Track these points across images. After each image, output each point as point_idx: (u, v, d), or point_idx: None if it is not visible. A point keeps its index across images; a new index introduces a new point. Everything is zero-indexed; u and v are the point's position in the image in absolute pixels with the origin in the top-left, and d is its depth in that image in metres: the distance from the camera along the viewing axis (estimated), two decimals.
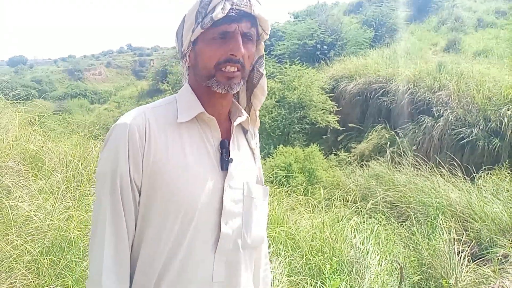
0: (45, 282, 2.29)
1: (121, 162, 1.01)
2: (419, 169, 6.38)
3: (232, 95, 1.15)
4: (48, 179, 3.11)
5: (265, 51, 1.21)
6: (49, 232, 2.54)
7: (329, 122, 11.03)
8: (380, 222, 4.33)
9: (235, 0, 1.02)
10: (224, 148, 1.10)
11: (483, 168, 6.12)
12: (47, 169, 3.28)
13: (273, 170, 7.08)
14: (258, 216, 1.16)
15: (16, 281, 2.24)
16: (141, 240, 1.04)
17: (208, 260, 1.05)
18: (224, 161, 1.09)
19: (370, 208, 4.85)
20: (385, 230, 4.28)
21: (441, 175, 5.88)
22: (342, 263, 3.23)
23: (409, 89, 9.73)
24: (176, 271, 1.02)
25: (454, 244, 3.59)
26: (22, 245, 2.37)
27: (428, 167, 6.29)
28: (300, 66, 12.22)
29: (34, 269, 2.33)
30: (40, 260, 2.33)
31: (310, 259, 3.34)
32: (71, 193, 3.08)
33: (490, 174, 5.79)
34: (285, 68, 12.36)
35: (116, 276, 0.99)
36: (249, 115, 1.21)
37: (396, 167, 6.81)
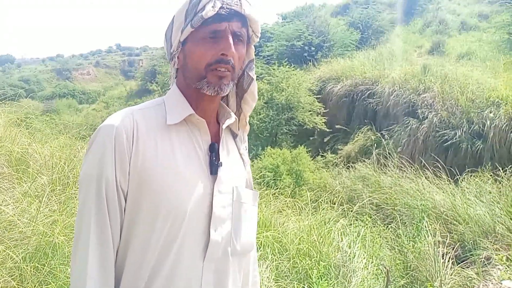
0: None
1: (107, 166, 0.97)
2: (404, 171, 6.46)
3: (221, 98, 1.13)
4: (33, 182, 3.04)
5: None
6: (33, 237, 2.48)
7: (316, 124, 11.09)
8: (367, 224, 4.37)
9: (225, 0, 1.00)
10: (213, 151, 1.07)
11: (467, 170, 6.23)
12: (32, 172, 3.21)
13: (261, 172, 7.08)
14: (248, 221, 1.13)
15: None
16: (127, 247, 1.01)
17: (196, 267, 1.02)
18: (214, 165, 1.06)
19: (357, 210, 4.89)
20: (371, 232, 4.32)
21: (425, 177, 5.95)
22: (329, 267, 3.25)
23: (394, 91, 9.85)
24: (164, 279, 0.99)
25: (439, 247, 3.64)
26: (5, 250, 2.31)
27: (413, 169, 6.37)
28: (288, 67, 12.26)
29: (17, 276, 2.28)
30: (23, 266, 2.28)
31: (297, 262, 3.35)
32: (57, 196, 3.03)
33: (473, 176, 5.89)
34: (273, 69, 12.39)
35: (101, 285, 0.95)
36: (239, 120, 1.19)
37: (381, 169, 6.88)
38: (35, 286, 2.25)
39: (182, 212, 1.00)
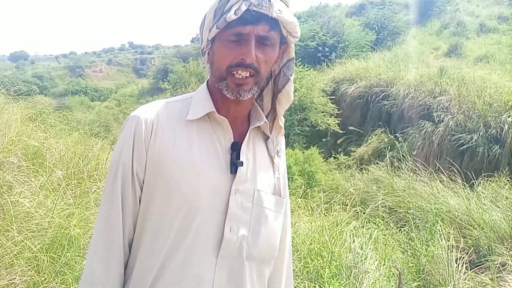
0: (45, 279, 2.29)
1: (125, 153, 1.02)
2: (418, 174, 6.39)
3: (251, 99, 1.10)
4: (49, 176, 3.10)
5: None
6: (50, 229, 2.54)
7: (329, 125, 11.05)
8: (379, 227, 4.34)
9: (254, 1, 0.97)
10: (235, 150, 1.06)
11: (483, 175, 6.14)
12: (48, 166, 3.27)
13: None
14: (269, 228, 1.10)
15: (16, 277, 2.24)
16: (141, 235, 1.04)
17: (209, 263, 1.02)
18: (234, 163, 1.05)
19: (369, 212, 4.86)
20: (384, 235, 4.29)
21: (440, 181, 5.89)
22: (341, 267, 3.24)
23: (410, 94, 9.75)
24: (177, 268, 1.00)
25: (452, 251, 3.60)
26: (23, 241, 2.37)
27: (428, 173, 6.30)
28: (302, 67, 12.23)
29: (34, 266, 2.33)
30: (40, 257, 2.33)
31: (308, 262, 3.35)
32: (72, 190, 3.08)
33: (490, 181, 5.80)
34: None
35: (103, 259, 1.02)
36: (273, 121, 1.16)
37: (395, 172, 6.82)
38: (51, 276, 2.30)
39: (195, 204, 1.01)
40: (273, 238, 1.12)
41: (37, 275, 2.28)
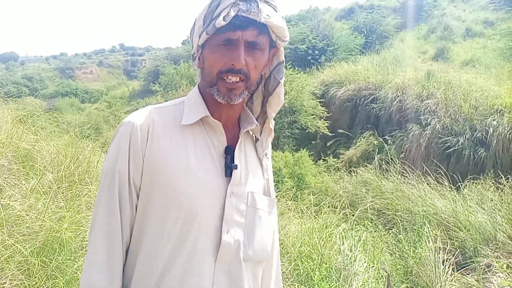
0: (36, 283, 2.27)
1: (120, 160, 1.01)
2: (406, 176, 6.48)
3: (242, 103, 1.12)
4: (40, 179, 3.08)
5: None
6: (41, 233, 2.52)
7: (318, 128, 11.13)
8: (368, 229, 4.40)
9: (242, 7, 0.98)
10: (229, 154, 1.08)
11: (469, 177, 6.25)
12: (39, 168, 3.25)
13: None
14: (263, 228, 1.12)
15: (6, 282, 2.22)
16: (139, 242, 1.03)
17: (208, 268, 1.02)
18: (228, 167, 1.06)
19: (358, 215, 4.91)
20: (373, 237, 4.34)
21: (427, 184, 5.97)
22: (331, 270, 3.28)
23: (397, 97, 9.88)
24: (178, 274, 1.00)
25: (439, 253, 3.66)
26: (14, 245, 2.34)
27: (415, 175, 6.39)
28: (292, 70, 12.30)
29: (25, 270, 2.31)
30: (31, 260, 2.31)
31: (298, 264, 3.38)
32: (63, 193, 3.07)
33: (475, 183, 5.90)
34: None
35: (105, 270, 0.99)
36: (263, 124, 1.18)
37: (383, 174, 6.90)
38: (42, 280, 2.28)
39: (194, 210, 1.01)
40: (267, 238, 1.15)
41: (28, 279, 2.26)
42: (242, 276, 1.07)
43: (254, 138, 1.21)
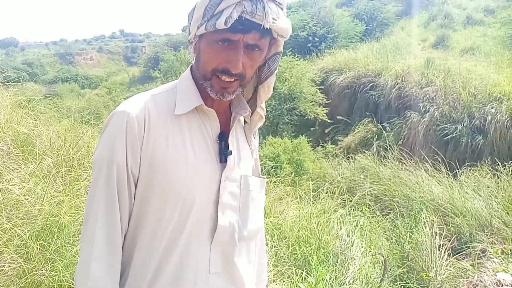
0: (35, 266, 2.28)
1: (118, 151, 0.99)
2: (404, 163, 6.51)
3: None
4: (39, 163, 3.08)
5: None
6: (40, 217, 2.52)
7: (317, 114, 11.13)
8: (365, 214, 4.43)
9: (247, 7, 0.92)
10: (223, 140, 1.08)
11: (466, 164, 6.28)
12: (38, 153, 3.25)
13: (262, 161, 7.14)
14: (255, 208, 1.15)
15: (5, 265, 2.23)
16: (137, 232, 1.03)
17: (205, 251, 1.04)
18: (223, 153, 1.07)
19: (356, 200, 4.95)
20: (370, 222, 4.38)
21: (425, 170, 6.00)
22: (328, 254, 3.31)
23: (397, 84, 9.86)
24: (176, 262, 1.02)
25: (436, 238, 3.70)
26: (12, 228, 2.35)
27: (413, 162, 6.41)
28: (292, 57, 12.23)
29: (23, 253, 2.32)
30: (30, 244, 2.31)
31: (296, 249, 3.41)
32: (62, 178, 3.07)
33: (472, 170, 5.93)
34: None
35: (107, 265, 0.98)
36: (255, 108, 1.17)
37: (381, 161, 6.93)
38: (41, 264, 2.29)
39: (191, 197, 1.02)
40: (259, 217, 1.18)
41: (27, 262, 2.26)
42: (236, 254, 1.09)
43: (243, 120, 1.21)
